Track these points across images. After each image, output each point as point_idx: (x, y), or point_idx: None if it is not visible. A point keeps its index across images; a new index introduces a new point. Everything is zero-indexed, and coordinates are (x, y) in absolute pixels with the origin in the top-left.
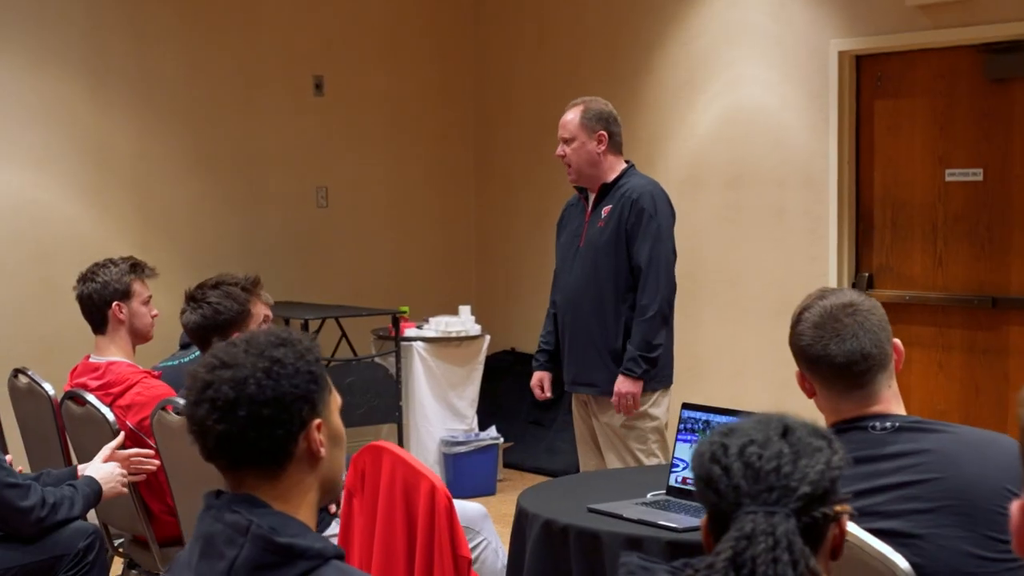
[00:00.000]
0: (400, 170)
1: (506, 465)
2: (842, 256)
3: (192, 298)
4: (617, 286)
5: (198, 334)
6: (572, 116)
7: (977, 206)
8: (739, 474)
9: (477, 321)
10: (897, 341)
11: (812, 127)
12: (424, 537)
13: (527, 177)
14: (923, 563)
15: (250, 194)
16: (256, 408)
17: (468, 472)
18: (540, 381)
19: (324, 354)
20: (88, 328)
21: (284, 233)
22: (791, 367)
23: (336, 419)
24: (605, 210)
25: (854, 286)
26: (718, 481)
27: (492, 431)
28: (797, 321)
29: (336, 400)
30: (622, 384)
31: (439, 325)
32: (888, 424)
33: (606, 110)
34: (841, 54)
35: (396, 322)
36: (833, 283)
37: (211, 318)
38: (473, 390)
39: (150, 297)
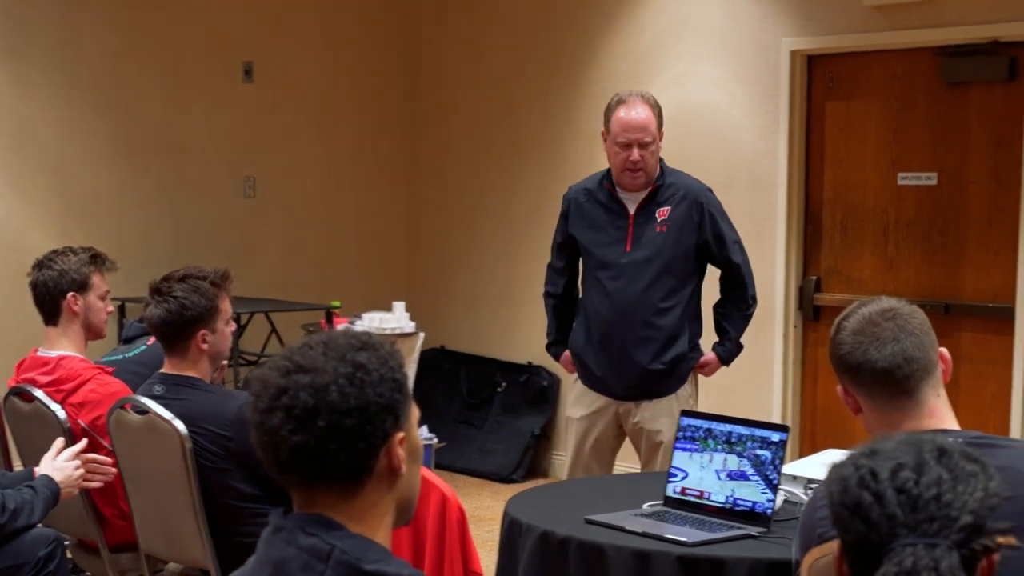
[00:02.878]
0: (331, 160)
1: (437, 466)
2: (790, 259)
3: (157, 291)
4: (682, 288)
5: (162, 330)
6: (647, 115)
7: (930, 211)
8: (894, 502)
9: (411, 318)
10: (943, 350)
11: (761, 127)
12: (434, 552)
13: (460, 170)
14: None
15: (176, 182)
16: (338, 418)
17: None
18: (570, 359)
19: (253, 349)
20: (19, 320)
21: (210, 223)
22: (734, 371)
23: (416, 433)
24: (662, 212)
25: (801, 289)
26: (868, 509)
27: (424, 431)
28: (836, 331)
29: (416, 412)
30: (713, 358)
31: (373, 321)
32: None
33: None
34: (793, 53)
35: (328, 317)
36: (780, 286)
37: (177, 313)
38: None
39: (108, 292)
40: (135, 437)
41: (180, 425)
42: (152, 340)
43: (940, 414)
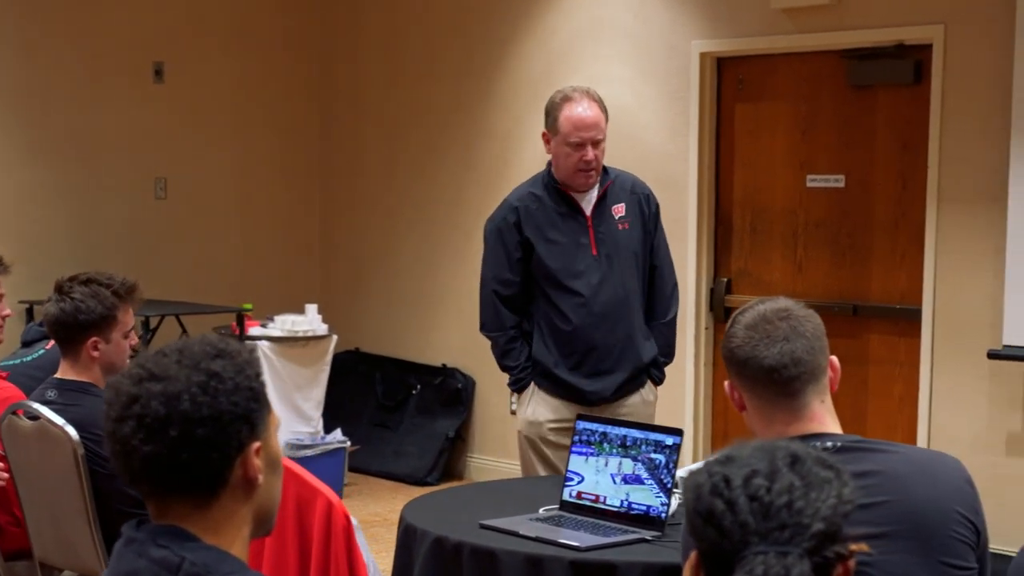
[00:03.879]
0: (244, 162)
1: (352, 469)
2: (700, 260)
3: (59, 289)
4: (642, 291)
5: (55, 329)
6: (597, 111)
7: (839, 213)
8: (746, 509)
9: (323, 320)
10: (834, 358)
11: (672, 129)
12: (319, 559)
13: (375, 172)
14: None
15: (85, 184)
16: (190, 427)
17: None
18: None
19: None
20: None
21: (120, 225)
22: None
23: (275, 442)
24: (617, 208)
25: (712, 291)
26: (721, 517)
27: (338, 434)
28: (731, 324)
29: (275, 421)
30: (652, 393)
31: (285, 324)
32: (829, 444)
33: None
34: (703, 55)
35: (240, 320)
36: (691, 288)
37: (70, 315)
38: (319, 392)
39: (2, 295)
40: (27, 443)
41: (72, 431)
42: (51, 344)
43: (821, 418)
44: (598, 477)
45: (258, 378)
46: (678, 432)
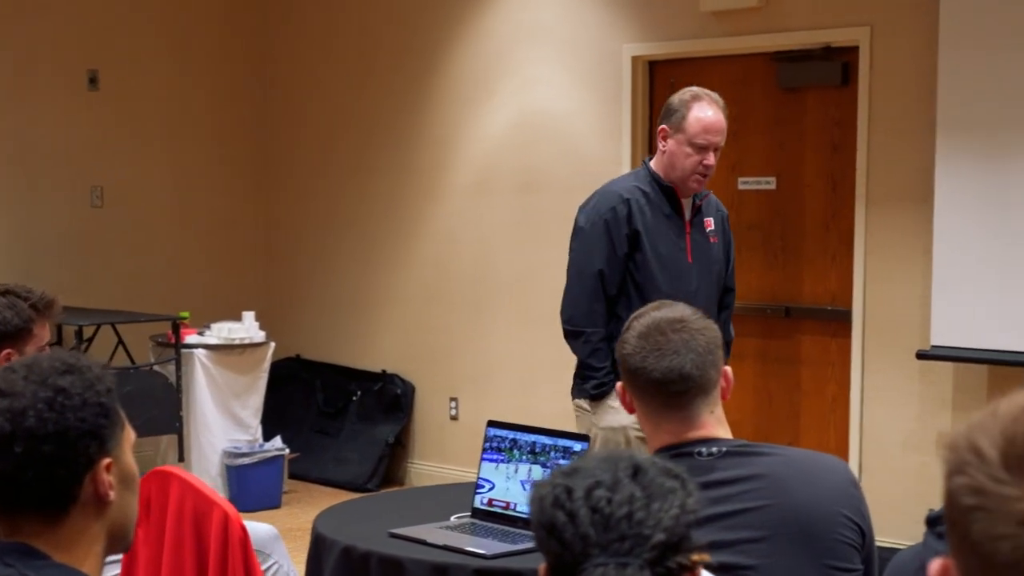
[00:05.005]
0: (181, 169)
1: (292, 476)
2: None
3: None
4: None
5: None
6: (723, 118)
7: (770, 215)
8: (586, 521)
9: (262, 327)
10: (727, 369)
11: (605, 132)
12: (216, 569)
13: (313, 177)
14: None
15: (19, 193)
16: (35, 444)
17: (252, 485)
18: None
19: (99, 362)
20: None
21: (56, 234)
22: None
23: (129, 458)
24: (708, 222)
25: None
26: (563, 529)
27: (277, 441)
28: (627, 328)
29: (130, 437)
30: None
31: (221, 331)
32: (715, 449)
33: None
34: (634, 59)
35: (176, 328)
36: None
37: None
38: (257, 399)
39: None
40: None
41: None
42: None
43: (709, 427)
44: (508, 484)
45: (109, 393)
46: (585, 438)
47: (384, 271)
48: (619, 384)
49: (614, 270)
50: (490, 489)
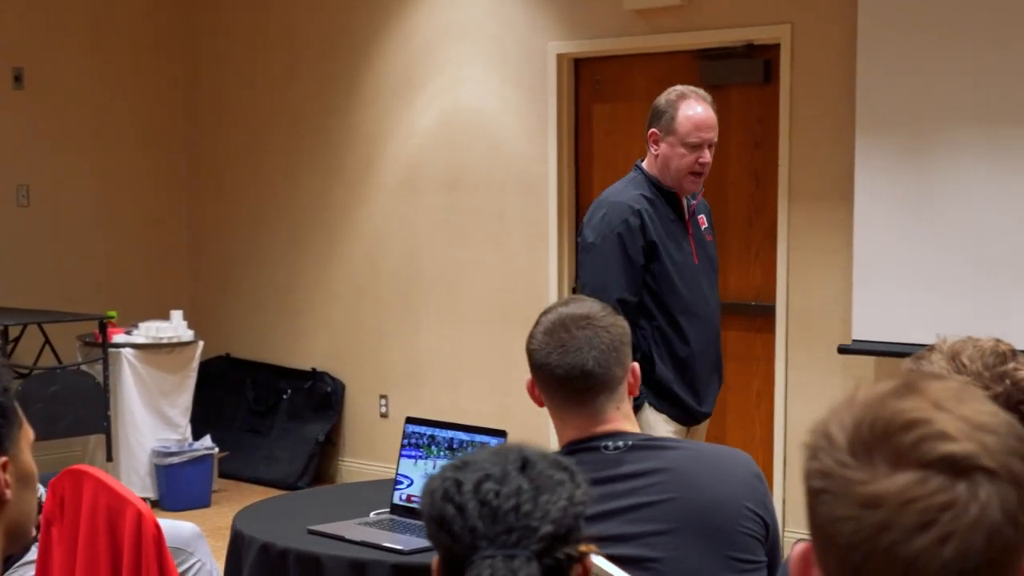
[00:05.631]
0: (109, 168)
1: (222, 475)
2: (562, 261)
3: None
4: None
5: None
6: (713, 114)
7: None
8: (475, 514)
9: (190, 326)
10: (635, 365)
11: (531, 130)
12: (131, 567)
13: (241, 176)
14: None
15: None
16: None
17: (182, 484)
18: None
19: (26, 361)
20: None
21: None
22: (512, 373)
23: (27, 457)
24: (702, 220)
25: (574, 291)
26: (452, 522)
27: (207, 440)
28: (536, 323)
29: (28, 435)
30: None
31: (149, 331)
32: (621, 443)
33: None
34: (559, 57)
35: (103, 328)
36: (552, 289)
37: None
38: (186, 398)
39: None
40: None
41: None
42: None
43: (615, 421)
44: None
45: (5, 392)
46: (502, 433)
47: (313, 269)
48: (528, 379)
49: (632, 283)
50: (408, 485)
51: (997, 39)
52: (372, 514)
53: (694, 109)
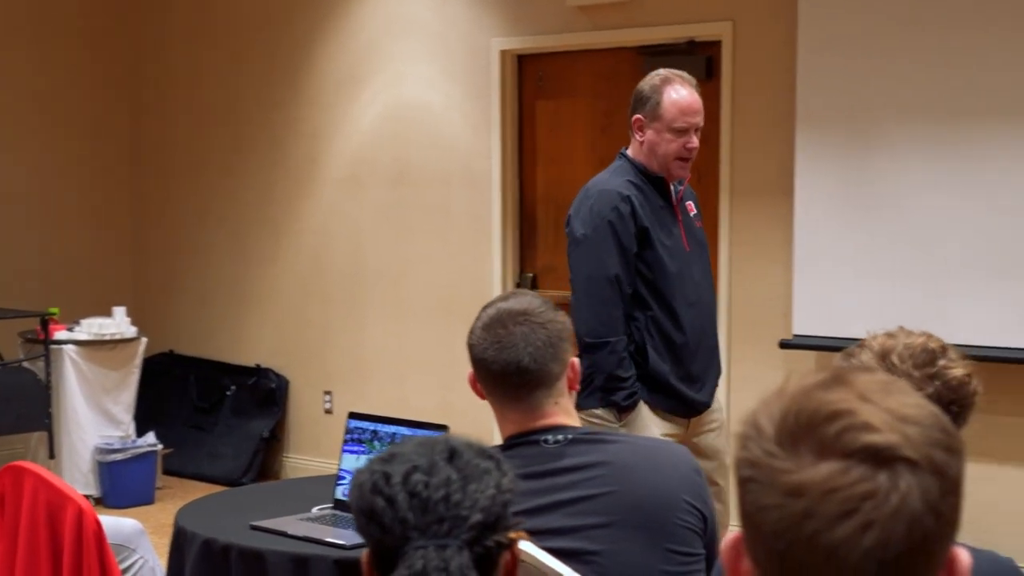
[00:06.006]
0: (49, 162)
1: (166, 472)
2: (506, 256)
3: None
4: None
5: None
6: (697, 97)
7: None
8: (405, 506)
9: (133, 322)
10: (575, 360)
11: (475, 126)
12: (71, 564)
13: (184, 171)
14: None
15: None
16: None
17: (125, 481)
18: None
19: None
20: None
21: None
22: (457, 368)
23: None
24: (690, 206)
25: (518, 287)
26: (382, 514)
27: (150, 437)
28: (477, 318)
29: None
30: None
31: (92, 327)
32: (561, 437)
33: None
34: (503, 53)
35: (45, 324)
36: (497, 283)
37: None
38: (129, 395)
39: None
40: None
41: None
42: None
43: (553, 416)
44: None
45: None
46: (444, 428)
47: (257, 265)
48: (470, 372)
49: (628, 272)
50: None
51: (936, 36)
52: (315, 509)
53: (679, 93)
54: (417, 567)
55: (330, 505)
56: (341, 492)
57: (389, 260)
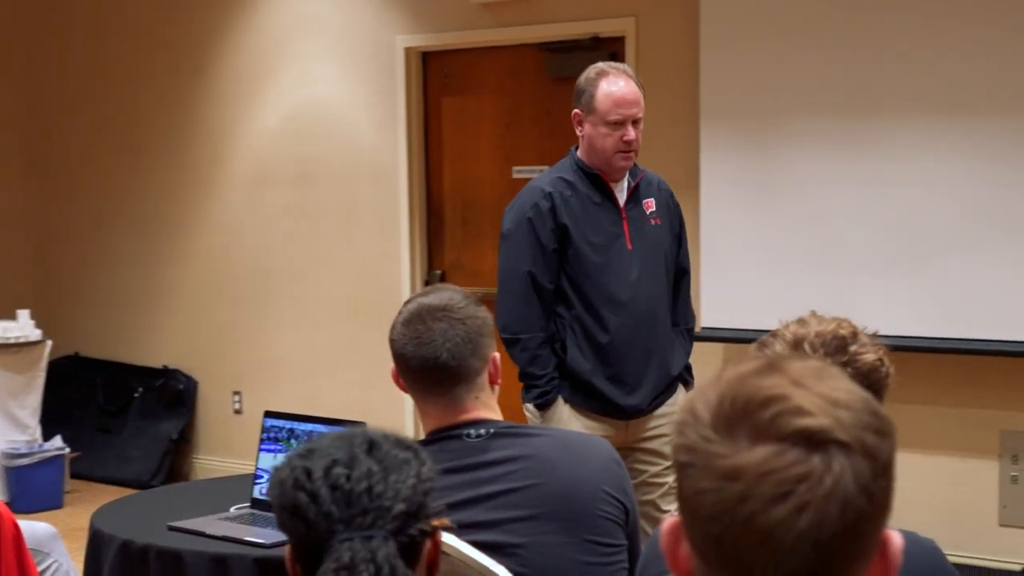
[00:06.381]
0: None
1: (74, 476)
2: (414, 253)
3: None
4: (671, 293)
5: None
6: (637, 90)
7: None
8: (328, 499)
9: (38, 325)
10: (496, 355)
11: (381, 124)
12: None
13: (86, 173)
14: (528, 572)
15: None
16: None
17: (33, 485)
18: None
19: None
20: None
21: None
22: (366, 366)
23: None
24: (648, 203)
25: (426, 283)
26: (306, 510)
27: (57, 441)
28: (399, 313)
29: None
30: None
31: None
32: (483, 431)
33: None
34: (407, 50)
35: None
36: (405, 280)
37: None
38: (35, 399)
39: None
40: None
41: None
42: None
43: (474, 410)
44: None
45: None
46: (361, 425)
47: (163, 266)
48: (392, 366)
49: (545, 269)
50: (268, 479)
51: (837, 31)
52: (232, 509)
53: (615, 85)
54: (344, 559)
55: (247, 504)
56: (259, 491)
57: (296, 259)
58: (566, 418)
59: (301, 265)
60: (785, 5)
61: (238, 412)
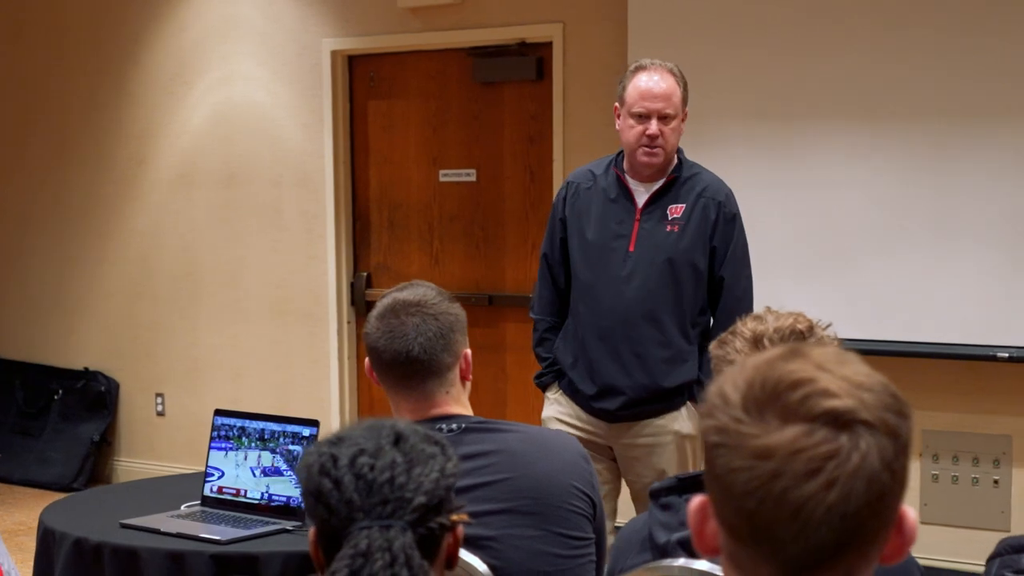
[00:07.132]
0: None
1: None
2: (340, 256)
3: None
4: (694, 306)
5: None
6: (671, 84)
7: (471, 206)
8: (351, 487)
9: None
10: (467, 351)
11: (306, 126)
12: None
13: (8, 175)
14: (500, 564)
15: None
16: None
17: None
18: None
19: None
20: None
21: None
22: (291, 368)
23: None
24: (675, 209)
25: (352, 286)
26: (329, 495)
27: None
28: (374, 307)
29: None
30: (689, 424)
31: None
32: (454, 426)
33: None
34: (334, 53)
35: None
36: (331, 282)
37: None
38: None
39: None
40: None
41: None
42: None
43: (445, 405)
44: (238, 471)
45: None
46: (314, 423)
47: (85, 267)
48: (367, 361)
49: (557, 253)
50: (220, 477)
51: (765, 36)
52: (183, 507)
53: (649, 78)
54: (361, 546)
55: (198, 502)
56: (209, 488)
57: (221, 261)
58: (563, 403)
59: (226, 266)
60: (713, 11)
61: (161, 414)
